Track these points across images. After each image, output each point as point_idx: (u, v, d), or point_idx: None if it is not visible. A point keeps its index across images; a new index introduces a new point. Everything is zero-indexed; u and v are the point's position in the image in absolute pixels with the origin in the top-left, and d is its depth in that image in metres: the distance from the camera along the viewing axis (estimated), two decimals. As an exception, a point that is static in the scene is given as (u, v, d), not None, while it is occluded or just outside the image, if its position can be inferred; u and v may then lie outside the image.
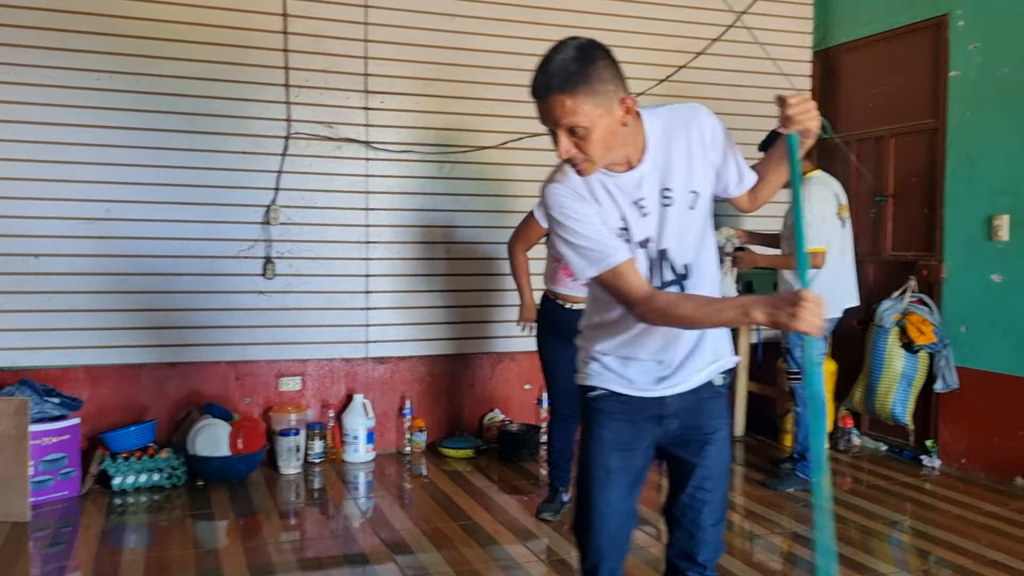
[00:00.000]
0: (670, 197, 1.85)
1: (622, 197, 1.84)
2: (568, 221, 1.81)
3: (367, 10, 4.56)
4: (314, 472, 4.44)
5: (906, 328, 4.49)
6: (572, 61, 1.69)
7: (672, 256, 1.88)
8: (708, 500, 1.98)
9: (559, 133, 1.72)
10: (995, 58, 4.31)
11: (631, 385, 1.96)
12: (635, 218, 1.84)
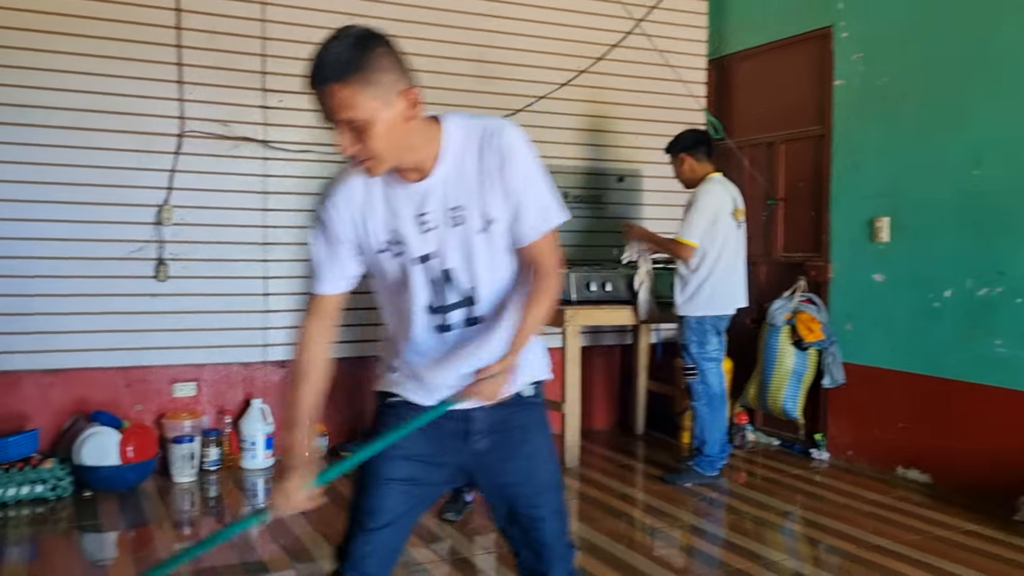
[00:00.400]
0: (460, 216, 1.72)
1: (405, 208, 1.72)
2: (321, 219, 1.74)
3: (264, 7, 4.47)
4: (210, 480, 4.31)
5: (796, 326, 4.67)
6: (347, 49, 1.57)
7: (457, 277, 1.76)
8: (544, 516, 1.88)
9: (339, 127, 1.60)
10: (876, 68, 4.53)
11: (431, 396, 1.82)
12: (414, 232, 1.72)
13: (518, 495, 1.88)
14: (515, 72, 5.02)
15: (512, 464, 1.87)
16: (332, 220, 1.73)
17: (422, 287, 1.77)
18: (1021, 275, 3.83)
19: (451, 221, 1.72)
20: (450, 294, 1.78)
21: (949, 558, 3.28)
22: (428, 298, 1.78)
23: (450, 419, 1.81)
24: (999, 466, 3.90)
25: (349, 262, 1.77)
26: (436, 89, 4.81)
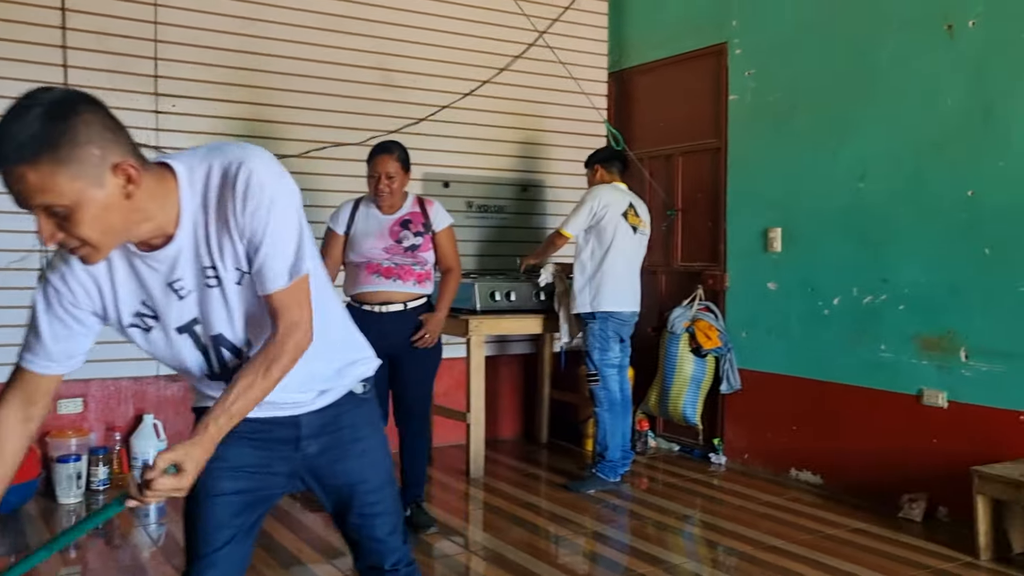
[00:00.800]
0: (215, 276, 1.53)
1: (152, 278, 1.52)
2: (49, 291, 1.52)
3: (157, 9, 4.32)
4: (98, 500, 4.11)
5: (695, 334, 4.78)
6: (35, 120, 1.29)
7: (229, 339, 1.60)
8: (378, 512, 1.82)
9: (36, 213, 1.34)
10: (767, 84, 4.70)
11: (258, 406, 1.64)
12: (168, 302, 1.54)
13: (353, 494, 1.80)
14: (418, 81, 5.00)
15: (345, 464, 1.79)
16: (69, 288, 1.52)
17: (193, 358, 1.60)
18: (903, 283, 4.02)
19: (207, 283, 1.53)
20: (225, 354, 1.61)
21: (839, 556, 3.41)
22: (203, 367, 1.62)
23: (278, 425, 1.71)
24: (884, 466, 4.07)
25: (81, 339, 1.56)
26: (337, 97, 4.76)
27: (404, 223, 3.71)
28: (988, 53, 3.71)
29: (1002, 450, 3.59)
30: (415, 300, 3.72)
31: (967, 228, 3.78)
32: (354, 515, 1.82)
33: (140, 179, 1.39)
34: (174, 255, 1.50)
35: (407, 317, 3.68)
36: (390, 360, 3.60)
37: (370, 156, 3.74)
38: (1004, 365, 3.64)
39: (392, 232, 3.68)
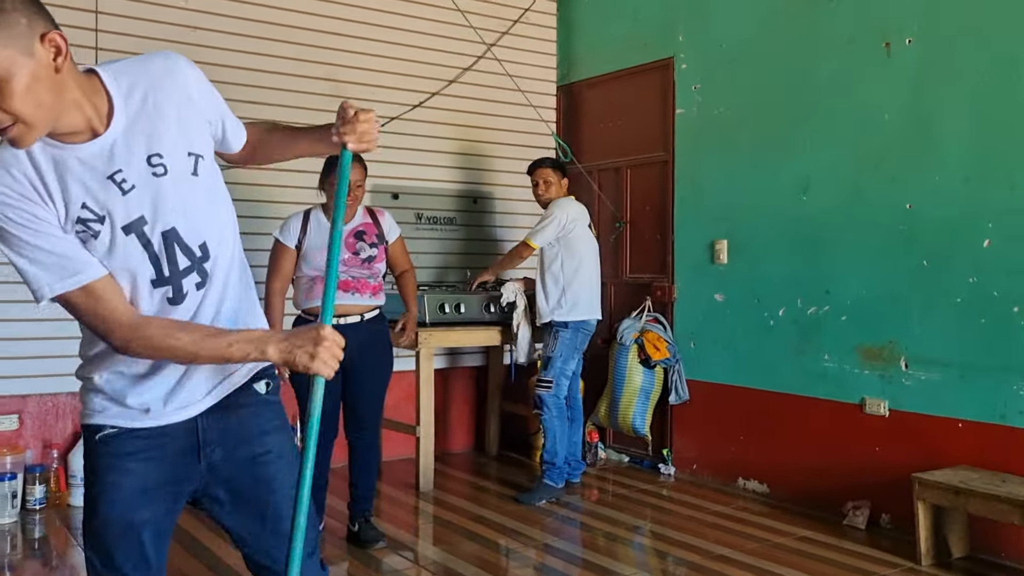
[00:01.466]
0: (161, 164, 1.49)
1: (88, 174, 1.44)
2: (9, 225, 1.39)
3: (98, 16, 4.23)
4: (34, 520, 3.98)
5: (644, 345, 4.82)
6: None
7: (183, 236, 1.53)
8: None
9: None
10: (712, 98, 4.77)
11: (146, 415, 1.59)
12: (112, 197, 1.45)
13: (270, 507, 1.65)
14: (367, 92, 4.97)
15: (256, 475, 1.65)
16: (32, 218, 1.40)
17: (139, 259, 1.50)
18: (845, 294, 4.10)
19: (154, 172, 1.48)
20: (180, 258, 1.53)
21: (786, 563, 3.45)
22: (148, 271, 1.51)
23: (176, 436, 1.60)
24: (829, 474, 4.14)
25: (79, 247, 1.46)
26: (284, 107, 4.70)
27: (358, 234, 3.68)
28: (924, 70, 3.82)
29: (942, 457, 3.68)
30: (371, 312, 3.69)
31: (906, 241, 3.87)
32: (268, 533, 1.65)
33: (67, 52, 1.36)
34: (108, 146, 1.45)
35: (362, 329, 3.64)
36: (343, 372, 3.56)
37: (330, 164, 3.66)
38: (942, 374, 3.73)
39: (348, 244, 3.64)
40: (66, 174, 1.43)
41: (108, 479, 1.58)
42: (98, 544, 1.59)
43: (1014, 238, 3.52)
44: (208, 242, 1.57)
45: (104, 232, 1.46)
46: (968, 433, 3.63)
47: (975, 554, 3.57)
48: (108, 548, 1.59)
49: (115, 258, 1.49)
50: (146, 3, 4.34)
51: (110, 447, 1.59)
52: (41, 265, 1.42)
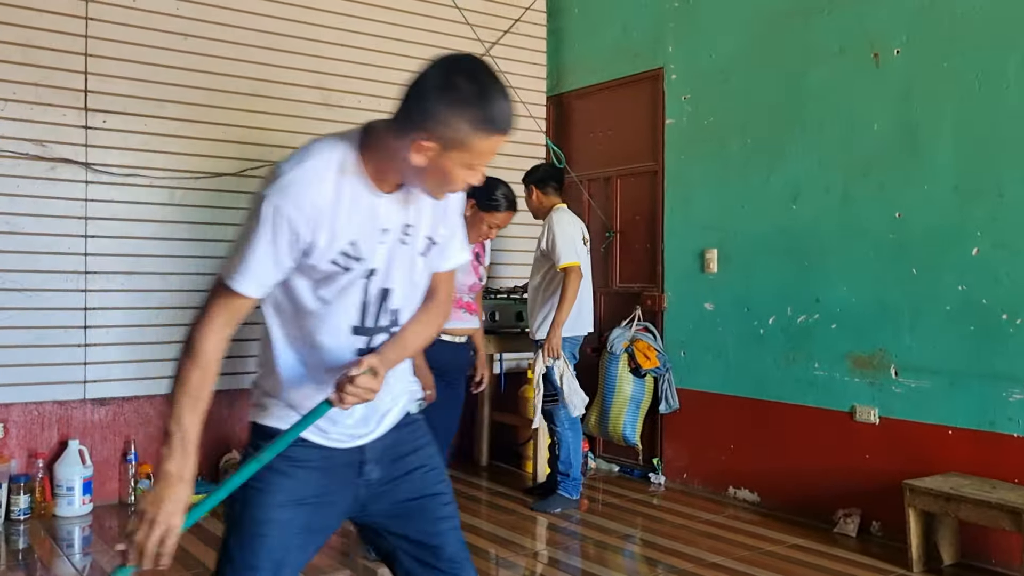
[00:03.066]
0: (409, 235, 1.65)
1: (369, 219, 1.59)
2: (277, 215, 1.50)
3: (88, 22, 4.22)
4: (18, 530, 3.92)
5: (634, 354, 4.81)
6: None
7: (393, 299, 1.67)
8: (455, 526, 1.80)
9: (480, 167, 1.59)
10: (702, 109, 4.80)
11: (322, 434, 1.68)
12: (371, 244, 1.60)
13: (428, 510, 1.77)
14: (358, 101, 4.97)
15: (411, 482, 1.77)
16: (292, 220, 1.51)
17: (355, 306, 1.64)
18: (834, 302, 4.12)
19: (402, 239, 1.64)
20: (381, 315, 1.67)
21: (777, 571, 3.45)
22: (356, 318, 1.65)
23: (342, 453, 1.70)
24: (819, 482, 4.15)
25: (284, 268, 1.57)
26: (275, 115, 4.69)
27: (476, 255, 3.67)
28: (912, 81, 3.86)
29: (932, 464, 3.69)
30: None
31: (895, 249, 3.90)
32: (431, 536, 1.76)
33: None
34: (389, 203, 1.61)
35: (465, 348, 3.67)
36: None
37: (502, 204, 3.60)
38: (931, 381, 3.75)
39: (474, 267, 3.61)
40: (358, 209, 1.57)
41: (271, 478, 1.63)
42: (241, 537, 1.64)
43: (1002, 246, 3.54)
44: (402, 311, 1.71)
45: (353, 270, 1.60)
46: (958, 440, 3.65)
47: (965, 560, 3.57)
48: (254, 545, 1.63)
49: (340, 296, 1.62)
50: (137, 10, 4.32)
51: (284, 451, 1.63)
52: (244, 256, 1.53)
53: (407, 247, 1.66)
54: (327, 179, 1.53)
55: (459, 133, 1.49)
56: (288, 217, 1.50)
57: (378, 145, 1.57)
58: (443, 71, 1.53)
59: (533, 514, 4.30)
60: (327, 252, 1.56)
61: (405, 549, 1.77)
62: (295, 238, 1.52)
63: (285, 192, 1.51)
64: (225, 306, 1.57)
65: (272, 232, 1.51)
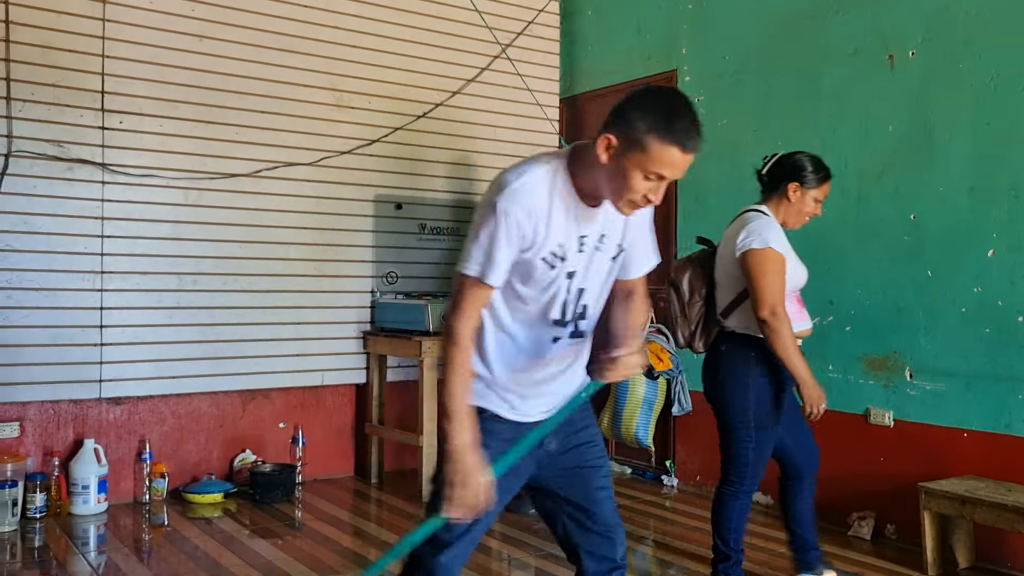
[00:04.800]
0: (604, 244, 1.92)
1: (573, 228, 1.86)
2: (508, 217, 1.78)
3: (105, 24, 4.25)
4: (34, 528, 3.95)
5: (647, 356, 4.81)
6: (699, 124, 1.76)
7: (585, 296, 1.93)
8: (610, 496, 2.06)
9: (662, 182, 1.76)
10: (716, 110, 4.79)
11: (512, 410, 1.96)
12: (573, 250, 1.87)
13: (591, 478, 2.02)
14: (372, 103, 4.98)
15: (580, 453, 2.02)
16: (520, 221, 1.79)
17: (557, 302, 1.90)
18: (848, 304, 4.10)
19: (597, 247, 1.91)
20: (576, 310, 1.93)
21: (792, 574, 3.43)
22: (557, 312, 1.91)
23: (530, 425, 1.95)
24: (834, 484, 4.12)
25: (512, 260, 1.83)
26: (289, 117, 4.72)
27: None
28: (927, 82, 3.85)
29: (947, 467, 3.67)
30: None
31: (910, 251, 3.88)
32: (590, 502, 2.01)
33: None
34: (592, 216, 1.88)
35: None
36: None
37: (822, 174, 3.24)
38: (947, 384, 3.73)
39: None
40: (566, 218, 1.84)
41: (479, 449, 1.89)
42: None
43: (1018, 248, 3.52)
44: (590, 307, 1.96)
45: (558, 269, 1.86)
46: (973, 443, 3.63)
47: (981, 564, 3.55)
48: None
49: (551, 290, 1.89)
50: (153, 11, 4.35)
51: (484, 425, 1.90)
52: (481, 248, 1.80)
53: (601, 253, 1.92)
54: (542, 190, 1.81)
55: (638, 132, 1.72)
56: (516, 218, 1.78)
57: (582, 160, 1.84)
58: (645, 87, 1.84)
59: (545, 515, 4.29)
60: (540, 251, 1.82)
61: (566, 511, 2.04)
62: (521, 235, 1.79)
63: (512, 198, 1.78)
64: (475, 297, 1.84)
65: (506, 229, 1.78)
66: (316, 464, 4.89)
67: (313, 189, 4.81)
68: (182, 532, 3.94)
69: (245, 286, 4.59)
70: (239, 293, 4.58)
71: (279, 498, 4.45)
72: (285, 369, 4.72)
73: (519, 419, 1.97)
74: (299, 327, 4.75)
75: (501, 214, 1.78)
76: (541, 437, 1.94)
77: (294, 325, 4.74)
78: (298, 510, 4.35)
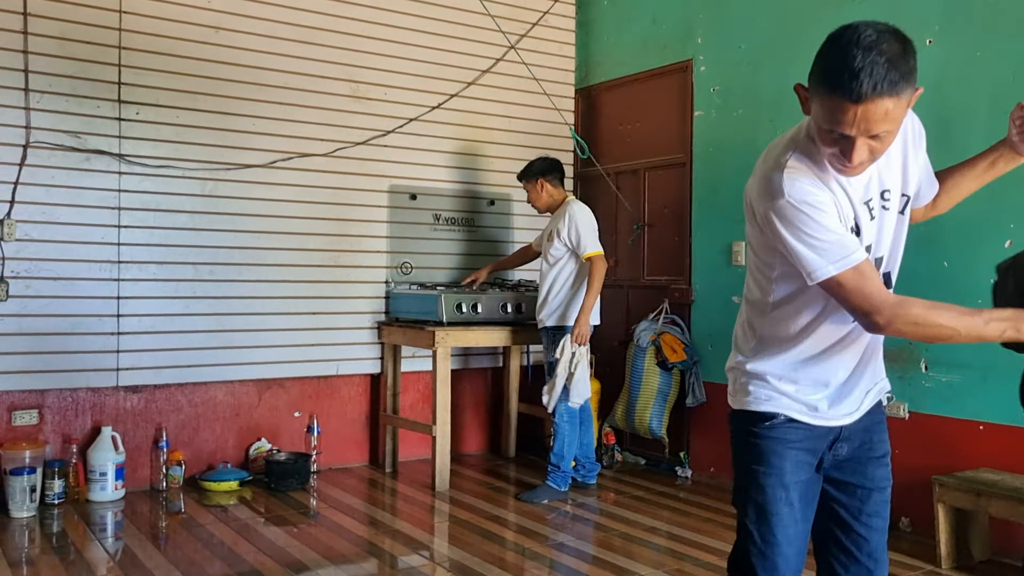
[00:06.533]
0: (888, 200, 1.69)
1: (854, 195, 1.63)
2: (813, 212, 1.56)
3: (122, 16, 4.28)
4: (53, 514, 4.01)
5: (661, 347, 4.80)
6: (899, 57, 1.45)
7: (884, 267, 1.72)
8: (884, 527, 1.82)
9: (858, 140, 1.50)
10: (732, 100, 4.77)
11: (814, 413, 1.75)
12: (864, 221, 1.65)
13: (869, 501, 1.81)
14: (387, 93, 4.99)
15: (869, 468, 1.82)
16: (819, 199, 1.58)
17: None
18: (864, 296, 4.07)
19: (883, 206, 1.68)
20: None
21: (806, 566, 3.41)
22: None
23: (824, 433, 1.77)
24: (848, 477, 4.10)
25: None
26: (304, 108, 4.73)
27: None
28: (945, 71, 3.80)
29: (962, 459, 3.64)
30: None
31: (926, 242, 3.83)
32: (860, 525, 1.80)
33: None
34: (867, 178, 1.64)
35: None
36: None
37: None
38: (962, 376, 3.70)
39: None
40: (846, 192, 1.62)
41: (772, 462, 1.75)
42: (762, 519, 1.77)
43: (1037, 239, 3.48)
44: (892, 274, 1.75)
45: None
46: (989, 435, 3.60)
47: (996, 557, 3.53)
48: (771, 523, 1.76)
49: None
50: (170, 3, 4.38)
51: (775, 432, 1.76)
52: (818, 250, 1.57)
53: (889, 212, 1.69)
54: (812, 173, 1.60)
55: (812, 84, 1.55)
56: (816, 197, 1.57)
57: None
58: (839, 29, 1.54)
59: (559, 505, 4.30)
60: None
61: (831, 530, 1.83)
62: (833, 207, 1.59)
63: (796, 186, 1.58)
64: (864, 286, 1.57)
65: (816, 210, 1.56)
66: (331, 453, 4.92)
67: (328, 180, 4.83)
68: (198, 519, 3.98)
69: (261, 276, 4.62)
70: (255, 283, 4.61)
71: (294, 486, 4.49)
72: (300, 359, 4.75)
73: (822, 423, 1.76)
74: (314, 317, 4.78)
75: (803, 207, 1.56)
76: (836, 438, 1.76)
77: (309, 315, 4.77)
78: (313, 498, 4.39)
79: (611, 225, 5.47)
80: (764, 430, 1.76)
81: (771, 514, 1.75)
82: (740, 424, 1.82)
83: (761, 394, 1.77)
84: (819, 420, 1.75)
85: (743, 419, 1.81)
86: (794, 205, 1.57)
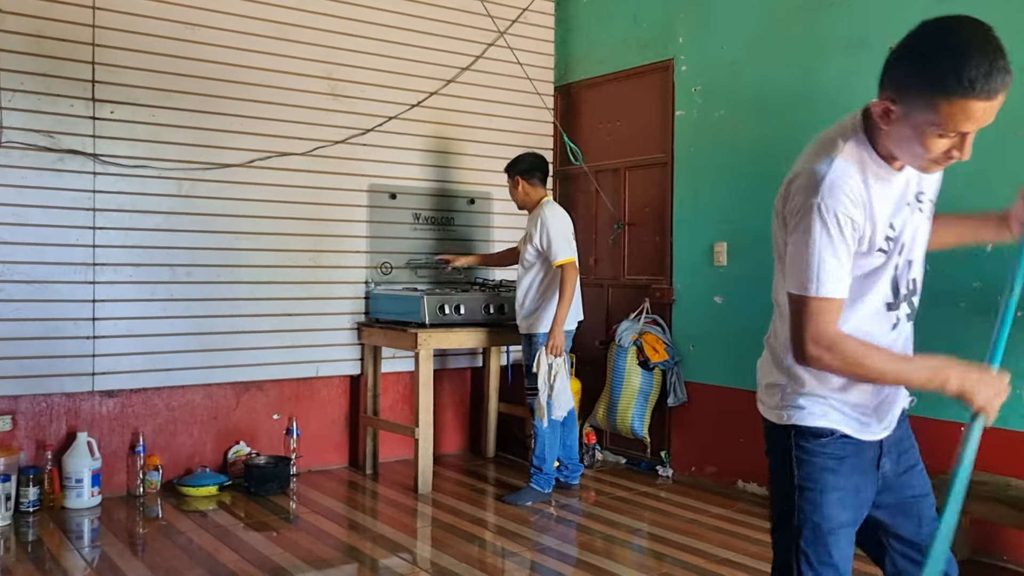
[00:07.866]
0: (922, 202, 1.71)
1: (896, 197, 1.65)
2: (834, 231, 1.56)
3: (95, 12, 4.19)
4: (28, 522, 3.93)
5: (642, 347, 4.80)
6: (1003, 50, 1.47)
7: (914, 268, 1.72)
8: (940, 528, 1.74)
9: (968, 136, 1.52)
10: (713, 100, 4.76)
11: (864, 428, 1.74)
12: (899, 223, 1.66)
13: (920, 507, 1.82)
14: (365, 91, 4.94)
15: (911, 477, 1.83)
16: (848, 212, 1.57)
17: (888, 283, 1.68)
18: (845, 297, 4.09)
19: (916, 207, 1.69)
20: (904, 285, 1.71)
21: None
22: (890, 295, 1.69)
23: (870, 448, 1.76)
24: (829, 477, 4.13)
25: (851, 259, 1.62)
26: (283, 106, 4.67)
27: None
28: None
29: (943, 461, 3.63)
30: None
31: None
32: (921, 533, 1.79)
33: None
34: (906, 179, 1.66)
35: None
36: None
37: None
38: (943, 377, 3.72)
39: None
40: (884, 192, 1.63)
41: (826, 478, 1.73)
42: (819, 540, 1.73)
43: (1016, 241, 3.51)
44: (918, 279, 1.74)
45: (892, 250, 1.66)
46: (969, 436, 3.62)
47: (976, 557, 3.56)
48: (827, 543, 1.73)
49: (875, 277, 1.67)
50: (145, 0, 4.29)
51: (827, 448, 1.73)
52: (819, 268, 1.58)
53: (922, 214, 1.71)
54: (855, 172, 1.59)
55: (919, 91, 1.49)
56: (847, 212, 1.57)
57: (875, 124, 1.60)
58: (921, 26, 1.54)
59: (542, 507, 4.29)
60: (875, 240, 1.62)
61: (897, 549, 1.83)
62: (855, 229, 1.58)
63: (834, 192, 1.56)
64: (822, 318, 1.58)
65: (839, 229, 1.56)
66: (310, 456, 4.87)
67: (307, 179, 4.77)
68: (176, 525, 3.93)
69: (239, 277, 4.55)
70: (232, 284, 4.54)
71: (274, 490, 4.44)
72: (279, 361, 4.70)
73: (870, 437, 1.75)
74: (293, 318, 4.72)
75: (828, 214, 1.56)
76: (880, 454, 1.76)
77: (288, 316, 4.71)
78: (293, 502, 4.34)
79: (591, 224, 5.46)
80: (818, 447, 1.74)
81: (827, 533, 1.73)
82: (788, 440, 1.78)
83: (816, 410, 1.74)
84: (868, 435, 1.75)
85: (792, 435, 1.77)
86: (822, 214, 1.57)
